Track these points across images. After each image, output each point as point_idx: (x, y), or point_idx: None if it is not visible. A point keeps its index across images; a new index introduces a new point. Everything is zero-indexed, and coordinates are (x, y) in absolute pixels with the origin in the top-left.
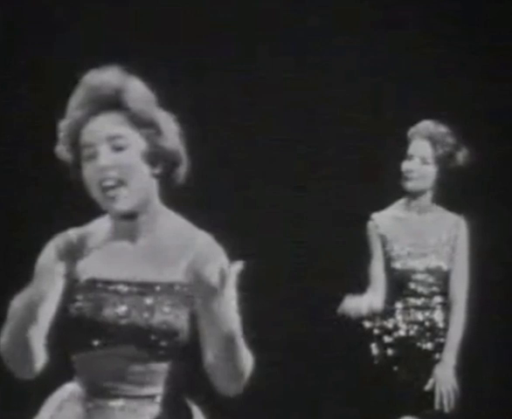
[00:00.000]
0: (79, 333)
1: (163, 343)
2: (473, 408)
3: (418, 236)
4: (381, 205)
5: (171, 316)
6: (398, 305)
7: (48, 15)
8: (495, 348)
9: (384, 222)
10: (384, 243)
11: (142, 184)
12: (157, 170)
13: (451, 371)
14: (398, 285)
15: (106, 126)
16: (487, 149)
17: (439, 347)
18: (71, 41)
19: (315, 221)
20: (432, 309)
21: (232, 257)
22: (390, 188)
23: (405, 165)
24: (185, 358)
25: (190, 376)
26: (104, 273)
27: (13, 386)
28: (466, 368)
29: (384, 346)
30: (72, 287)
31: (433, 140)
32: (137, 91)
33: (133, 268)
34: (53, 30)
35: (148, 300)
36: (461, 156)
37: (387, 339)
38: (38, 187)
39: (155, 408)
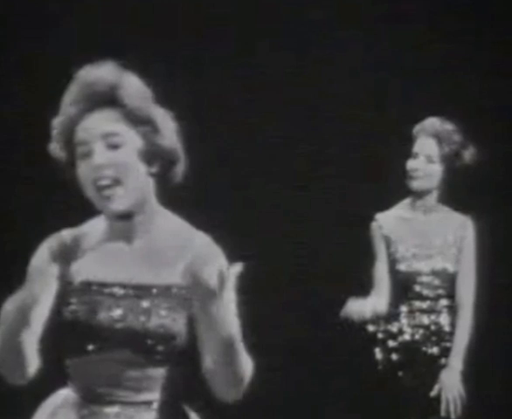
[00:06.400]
0: (73, 338)
1: (160, 347)
2: (481, 415)
3: (424, 236)
4: (385, 205)
5: (168, 319)
6: (403, 309)
7: (41, 9)
8: (503, 353)
9: (389, 222)
10: (389, 244)
11: (139, 183)
12: (154, 169)
13: (457, 376)
14: (403, 287)
15: (101, 123)
16: (495, 147)
17: (446, 352)
18: (64, 36)
19: (317, 221)
20: (438, 312)
21: (232, 258)
22: (395, 188)
23: (410, 163)
24: (183, 363)
25: (187, 382)
26: (99, 275)
27: (5, 392)
28: (473, 374)
29: (388, 351)
30: (66, 290)
31: (439, 137)
32: (133, 87)
33: (129, 270)
34: (46, 25)
35: (145, 303)
36: (468, 154)
37: (391, 343)
38: (31, 186)
39: (151, 415)
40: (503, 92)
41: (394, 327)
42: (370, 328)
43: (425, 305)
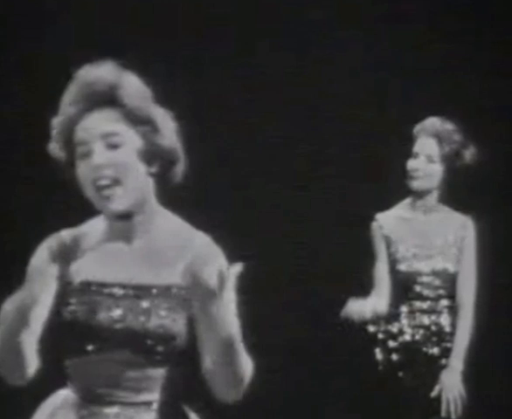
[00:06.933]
0: (72, 338)
1: (160, 348)
2: (481, 415)
3: (424, 237)
4: (385, 205)
5: (168, 320)
6: (403, 309)
7: (40, 8)
8: (504, 353)
9: (389, 222)
10: (389, 244)
11: (138, 183)
12: (154, 169)
13: (458, 377)
14: (403, 287)
15: (100, 122)
16: (495, 147)
17: (446, 352)
18: (64, 35)
19: (317, 221)
20: (439, 313)
21: (231, 258)
22: (395, 188)
23: (411, 163)
24: (183, 363)
25: (187, 382)
26: (98, 275)
27: (5, 392)
28: (473, 374)
29: (388, 351)
30: (66, 290)
31: (440, 137)
32: (133, 86)
33: (128, 270)
34: (45, 24)
35: (145, 303)
36: (469, 154)
37: (392, 343)
38: (31, 186)
39: (151, 416)
40: (503, 91)
41: (394, 328)
42: (371, 328)
43: (425, 305)
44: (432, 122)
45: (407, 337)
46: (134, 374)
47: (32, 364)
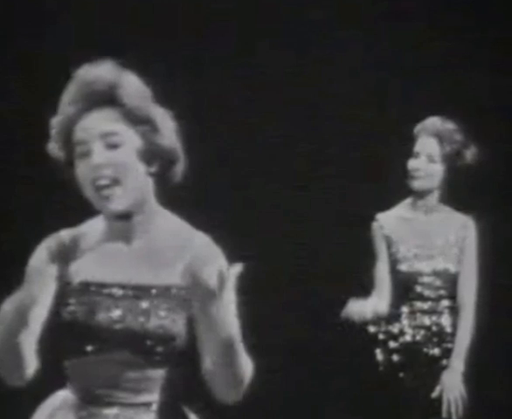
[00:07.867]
0: (71, 338)
1: (160, 348)
2: (482, 416)
3: (425, 237)
4: (386, 205)
5: (168, 320)
6: (404, 309)
7: (39, 7)
8: (505, 354)
9: (390, 222)
10: (390, 244)
11: (138, 183)
12: (153, 169)
13: (459, 377)
14: (404, 288)
15: (100, 122)
16: (496, 147)
17: (447, 353)
18: (64, 35)
19: (317, 221)
20: (440, 313)
21: (231, 258)
22: (396, 188)
23: (411, 163)
24: (182, 364)
25: (187, 383)
26: (98, 276)
27: (4, 393)
28: (474, 374)
29: (389, 352)
30: (65, 290)
31: (441, 137)
32: (132, 86)
33: (128, 270)
34: (45, 24)
35: (144, 304)
36: (470, 154)
37: (392, 344)
38: (30, 186)
39: (151, 417)
40: (505, 91)
41: (395, 328)
42: (371, 329)
43: (426, 305)
44: (433, 122)
45: (408, 337)
46: (133, 374)
47: (31, 365)
